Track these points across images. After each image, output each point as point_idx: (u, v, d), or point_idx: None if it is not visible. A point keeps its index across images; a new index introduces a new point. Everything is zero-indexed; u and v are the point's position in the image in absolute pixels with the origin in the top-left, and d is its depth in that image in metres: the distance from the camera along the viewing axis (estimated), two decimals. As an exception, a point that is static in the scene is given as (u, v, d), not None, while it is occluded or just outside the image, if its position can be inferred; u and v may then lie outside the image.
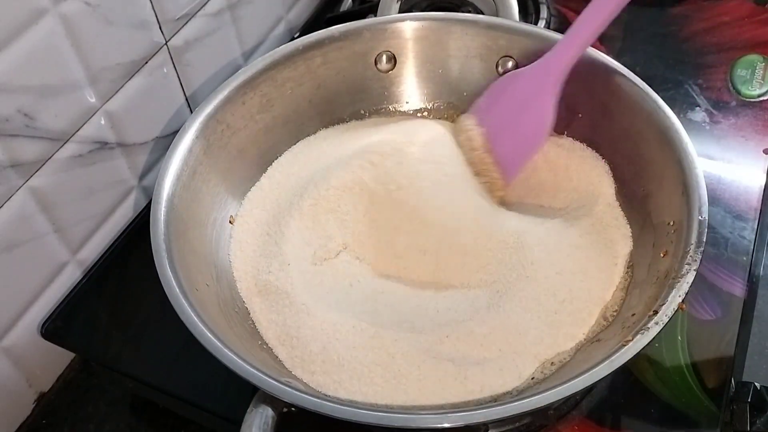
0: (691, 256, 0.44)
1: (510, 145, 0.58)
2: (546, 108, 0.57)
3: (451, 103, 0.66)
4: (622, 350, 0.41)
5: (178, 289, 0.45)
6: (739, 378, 0.54)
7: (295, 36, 0.82)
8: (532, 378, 0.47)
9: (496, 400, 0.45)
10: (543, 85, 0.57)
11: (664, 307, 0.42)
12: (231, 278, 0.54)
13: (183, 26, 0.64)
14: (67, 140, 0.55)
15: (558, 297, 0.50)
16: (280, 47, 0.61)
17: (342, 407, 0.40)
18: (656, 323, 0.41)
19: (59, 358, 0.61)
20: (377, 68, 0.64)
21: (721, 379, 0.51)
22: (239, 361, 0.42)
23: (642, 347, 0.41)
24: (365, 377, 0.46)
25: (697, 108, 0.70)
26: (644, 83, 0.55)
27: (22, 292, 0.56)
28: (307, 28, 0.84)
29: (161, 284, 0.45)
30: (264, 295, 0.53)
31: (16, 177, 0.52)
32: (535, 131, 0.57)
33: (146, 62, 0.61)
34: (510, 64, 0.62)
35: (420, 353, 0.48)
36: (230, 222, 0.57)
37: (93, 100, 0.57)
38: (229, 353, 0.42)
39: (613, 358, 0.40)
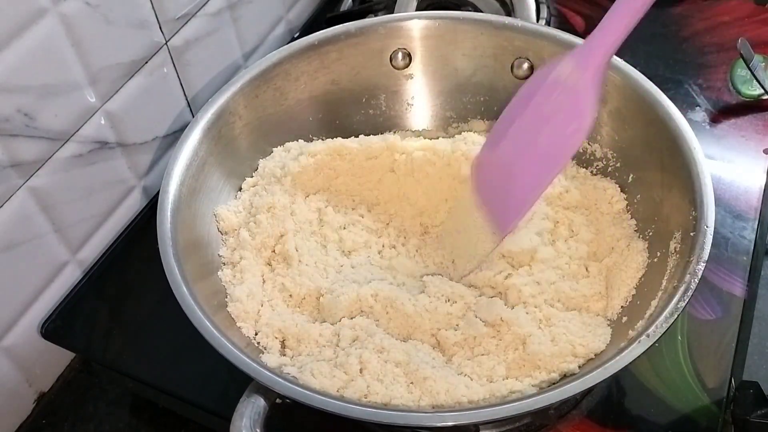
0: (693, 266, 0.44)
1: (548, 144, 0.50)
2: (583, 106, 0.48)
3: (465, 106, 0.66)
4: (617, 358, 0.41)
5: (180, 277, 0.45)
6: (739, 378, 0.54)
7: (296, 36, 0.82)
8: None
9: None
10: (579, 81, 0.48)
11: (660, 318, 0.42)
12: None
13: (183, 26, 0.64)
14: (67, 140, 0.55)
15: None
16: (295, 42, 0.61)
17: (332, 401, 0.40)
18: (651, 333, 0.41)
19: (59, 358, 0.61)
20: (392, 65, 0.64)
21: (721, 379, 0.51)
22: (234, 350, 0.42)
23: (636, 357, 0.41)
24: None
25: (697, 108, 0.70)
26: (658, 89, 0.54)
27: (22, 292, 0.56)
28: (307, 28, 0.84)
29: (162, 280, 0.45)
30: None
31: (16, 177, 0.52)
32: (574, 130, 0.48)
33: (146, 62, 0.61)
34: (525, 65, 0.62)
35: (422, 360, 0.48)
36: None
37: (93, 100, 0.57)
38: (226, 342, 0.42)
39: (607, 365, 0.41)
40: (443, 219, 0.58)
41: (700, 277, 0.44)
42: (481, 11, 0.76)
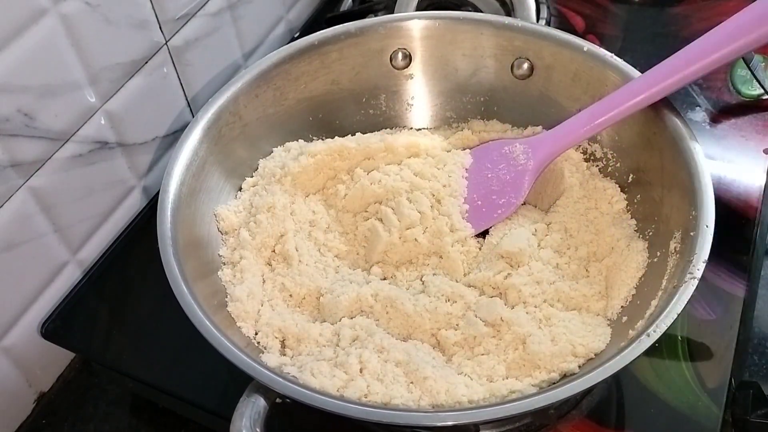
0: (693, 266, 0.44)
1: (481, 203, 0.58)
2: (522, 187, 0.57)
3: (464, 106, 0.66)
4: (617, 358, 0.41)
5: (180, 277, 0.45)
6: (739, 378, 0.54)
7: (296, 36, 0.82)
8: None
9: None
10: (525, 166, 0.57)
11: (660, 318, 0.42)
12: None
13: (183, 26, 0.64)
14: (67, 140, 0.55)
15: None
16: (295, 42, 0.61)
17: (332, 400, 0.40)
18: (651, 333, 0.41)
19: (59, 358, 0.61)
20: (392, 65, 0.64)
21: (721, 379, 0.51)
22: (234, 350, 0.42)
23: (636, 356, 0.41)
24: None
25: (697, 108, 0.70)
26: None
27: (22, 292, 0.56)
28: (307, 28, 0.84)
29: (162, 280, 0.45)
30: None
31: (16, 177, 0.52)
32: (506, 203, 0.57)
33: (146, 62, 0.61)
34: (525, 65, 0.62)
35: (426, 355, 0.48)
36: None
37: (93, 100, 0.57)
38: (225, 342, 0.42)
39: (607, 365, 0.41)
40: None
41: (700, 277, 0.44)
42: (481, 11, 0.76)
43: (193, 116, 0.56)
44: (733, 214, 0.61)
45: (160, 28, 0.61)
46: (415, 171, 0.58)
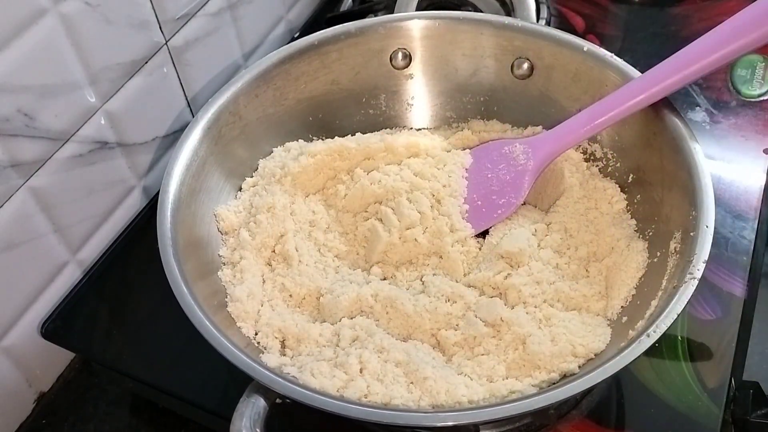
0: (693, 266, 0.44)
1: (481, 203, 0.58)
2: (522, 188, 0.57)
3: (464, 106, 0.66)
4: (617, 358, 0.41)
5: (180, 277, 0.45)
6: (739, 378, 0.54)
7: (296, 36, 0.82)
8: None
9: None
10: (525, 167, 0.57)
11: (660, 318, 0.42)
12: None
13: (183, 26, 0.64)
14: (67, 140, 0.55)
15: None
16: (295, 42, 0.61)
17: (332, 401, 0.40)
18: (651, 333, 0.41)
19: (59, 358, 0.61)
20: (392, 65, 0.64)
21: (721, 379, 0.51)
22: (234, 350, 0.42)
23: (636, 357, 0.41)
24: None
25: (697, 108, 0.70)
26: None
27: (22, 292, 0.56)
28: (307, 28, 0.84)
29: (162, 280, 0.45)
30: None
31: (16, 177, 0.52)
32: (506, 203, 0.57)
33: (146, 62, 0.61)
34: (525, 65, 0.62)
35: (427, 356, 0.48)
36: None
37: (93, 100, 0.57)
38: (225, 342, 0.42)
39: (607, 365, 0.41)
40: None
41: (700, 277, 0.44)
42: (481, 11, 0.76)
43: (193, 116, 0.56)
44: (733, 214, 0.61)
45: (160, 28, 0.61)
46: (415, 171, 0.58)
